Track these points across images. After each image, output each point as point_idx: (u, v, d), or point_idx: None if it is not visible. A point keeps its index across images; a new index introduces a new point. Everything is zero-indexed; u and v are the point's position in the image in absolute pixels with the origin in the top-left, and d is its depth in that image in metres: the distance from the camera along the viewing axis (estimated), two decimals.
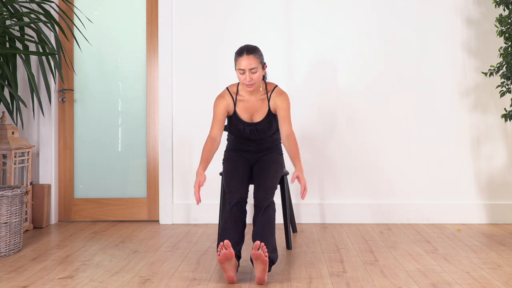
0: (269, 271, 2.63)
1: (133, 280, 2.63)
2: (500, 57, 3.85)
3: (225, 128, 3.34)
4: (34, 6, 4.03)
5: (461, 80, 3.95)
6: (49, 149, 4.05)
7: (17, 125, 3.92)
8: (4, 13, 3.59)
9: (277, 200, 3.96)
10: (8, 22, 4.02)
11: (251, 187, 3.95)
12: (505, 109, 3.46)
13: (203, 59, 4.03)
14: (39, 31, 3.67)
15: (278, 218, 3.97)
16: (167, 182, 4.01)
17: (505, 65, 3.43)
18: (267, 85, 3.01)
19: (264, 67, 2.92)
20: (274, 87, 3.00)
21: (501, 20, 3.41)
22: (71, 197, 4.14)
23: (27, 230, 3.80)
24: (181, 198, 4.03)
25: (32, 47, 4.04)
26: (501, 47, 3.46)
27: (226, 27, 4.02)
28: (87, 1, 4.17)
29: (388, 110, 3.96)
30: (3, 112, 3.68)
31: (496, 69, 3.62)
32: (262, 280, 2.51)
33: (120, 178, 4.14)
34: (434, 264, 2.86)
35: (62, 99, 4.12)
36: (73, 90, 4.15)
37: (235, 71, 2.97)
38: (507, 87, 3.45)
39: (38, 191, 3.91)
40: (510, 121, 3.50)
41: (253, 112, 2.99)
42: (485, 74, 3.51)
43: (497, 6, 3.47)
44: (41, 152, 4.05)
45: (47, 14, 3.73)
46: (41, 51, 3.76)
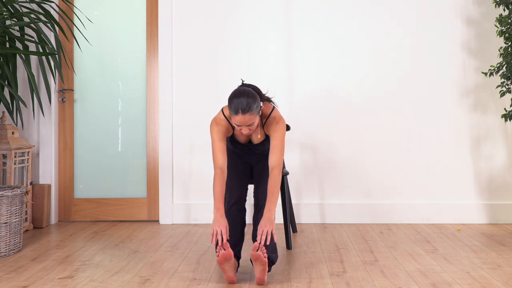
0: (269, 271, 2.63)
1: (133, 280, 2.63)
2: (500, 57, 3.85)
3: None
4: (34, 6, 4.03)
5: (461, 80, 3.94)
6: (49, 149, 4.05)
7: (17, 125, 3.92)
8: (4, 13, 3.59)
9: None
10: (8, 22, 4.02)
11: (250, 187, 3.96)
12: (505, 109, 3.46)
13: (203, 59, 4.03)
14: (39, 31, 3.67)
15: (278, 218, 3.97)
16: (167, 182, 4.01)
17: (505, 65, 3.43)
18: (262, 109, 2.77)
19: (260, 111, 2.65)
20: (269, 113, 2.76)
21: (501, 20, 3.41)
22: (71, 197, 4.14)
23: (27, 230, 3.80)
24: (181, 198, 4.02)
25: (32, 47, 4.04)
26: (501, 47, 3.46)
27: (226, 27, 4.02)
28: (87, 1, 4.17)
29: (388, 109, 3.96)
30: (3, 112, 3.68)
31: (496, 69, 3.62)
32: (262, 280, 2.51)
33: (120, 178, 4.14)
34: (434, 264, 2.86)
35: (62, 99, 4.12)
36: (73, 90, 4.15)
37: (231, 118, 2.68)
38: (507, 87, 3.45)
39: (38, 191, 3.91)
40: (510, 121, 3.50)
41: (250, 136, 2.89)
42: (485, 74, 3.51)
43: (497, 6, 3.47)
44: (41, 152, 4.05)
45: (47, 14, 3.73)
46: (41, 51, 3.76)
